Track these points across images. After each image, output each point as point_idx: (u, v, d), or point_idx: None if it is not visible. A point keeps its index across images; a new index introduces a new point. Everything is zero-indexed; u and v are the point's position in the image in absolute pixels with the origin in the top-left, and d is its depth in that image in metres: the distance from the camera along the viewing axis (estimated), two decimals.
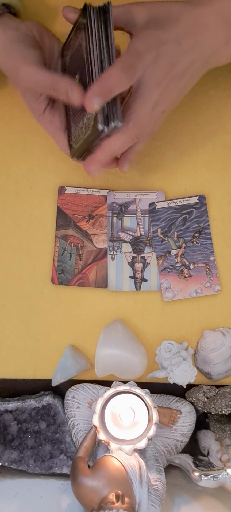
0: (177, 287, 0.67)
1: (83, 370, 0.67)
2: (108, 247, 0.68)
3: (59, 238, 0.67)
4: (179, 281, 0.67)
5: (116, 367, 0.65)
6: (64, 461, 0.67)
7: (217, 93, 0.69)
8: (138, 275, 0.67)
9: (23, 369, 0.68)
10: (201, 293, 0.67)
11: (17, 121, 0.69)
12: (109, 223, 0.68)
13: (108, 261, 0.67)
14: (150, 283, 0.67)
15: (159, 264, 0.67)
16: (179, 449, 0.66)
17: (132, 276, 0.67)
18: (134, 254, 0.68)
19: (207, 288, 0.67)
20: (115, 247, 0.68)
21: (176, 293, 0.67)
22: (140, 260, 0.68)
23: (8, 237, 0.68)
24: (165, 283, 0.67)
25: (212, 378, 0.67)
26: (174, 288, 0.67)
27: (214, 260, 0.67)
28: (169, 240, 0.68)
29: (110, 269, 0.67)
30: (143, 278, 0.67)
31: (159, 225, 0.67)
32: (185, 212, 0.68)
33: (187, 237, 0.67)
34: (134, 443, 0.59)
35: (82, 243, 0.67)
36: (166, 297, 0.67)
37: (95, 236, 0.68)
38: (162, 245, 0.68)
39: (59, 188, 0.68)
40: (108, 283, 0.67)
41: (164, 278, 0.67)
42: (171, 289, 0.67)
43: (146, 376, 0.67)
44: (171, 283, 0.67)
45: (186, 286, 0.67)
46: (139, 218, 0.68)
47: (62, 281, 0.67)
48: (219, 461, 0.64)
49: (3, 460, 0.67)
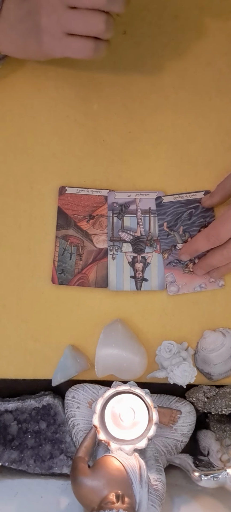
0: (182, 281, 0.67)
1: (83, 370, 0.67)
2: (108, 247, 0.68)
3: (60, 238, 0.67)
4: (184, 275, 0.67)
5: (115, 367, 0.65)
6: (64, 461, 0.67)
7: (219, 94, 0.69)
8: (138, 275, 0.67)
9: (23, 369, 0.68)
10: (205, 287, 0.67)
11: (17, 121, 0.69)
12: (109, 223, 0.68)
13: (108, 261, 0.67)
14: (151, 283, 0.67)
15: (164, 257, 0.68)
16: (179, 449, 0.66)
17: (133, 276, 0.67)
18: (134, 254, 0.68)
19: (211, 283, 0.67)
20: (115, 247, 0.68)
21: (181, 287, 0.67)
22: (140, 260, 0.68)
23: (8, 237, 0.68)
24: (169, 277, 0.67)
25: (212, 378, 0.67)
26: (178, 282, 0.67)
27: None
28: (175, 234, 0.68)
29: (110, 269, 0.67)
30: (144, 278, 0.67)
31: (165, 219, 0.68)
32: (191, 207, 0.68)
33: (193, 232, 0.67)
34: (134, 443, 0.59)
35: (82, 243, 0.67)
36: (170, 291, 0.67)
37: (96, 236, 0.68)
38: (167, 239, 0.68)
39: (59, 188, 0.68)
40: (109, 283, 0.67)
41: (169, 272, 0.67)
42: (176, 283, 0.67)
43: (146, 376, 0.67)
44: (176, 277, 0.67)
45: (190, 280, 0.67)
46: (139, 218, 0.68)
47: (62, 281, 0.67)
48: (219, 461, 0.64)
49: (3, 460, 0.67)
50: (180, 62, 0.69)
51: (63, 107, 0.69)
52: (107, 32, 0.57)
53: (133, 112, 0.69)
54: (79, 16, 0.56)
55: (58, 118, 0.69)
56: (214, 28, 0.69)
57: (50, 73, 0.68)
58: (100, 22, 0.56)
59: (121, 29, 0.68)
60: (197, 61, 0.69)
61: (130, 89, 0.69)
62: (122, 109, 0.68)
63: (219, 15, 0.69)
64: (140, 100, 0.69)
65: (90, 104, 0.69)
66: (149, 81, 0.69)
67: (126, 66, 0.68)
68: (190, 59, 0.69)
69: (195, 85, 0.69)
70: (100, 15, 0.56)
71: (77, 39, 0.57)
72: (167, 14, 0.68)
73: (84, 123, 0.69)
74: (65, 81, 0.68)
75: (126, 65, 0.68)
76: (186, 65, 0.69)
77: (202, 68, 0.69)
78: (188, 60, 0.69)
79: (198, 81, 0.69)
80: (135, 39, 0.68)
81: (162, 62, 0.69)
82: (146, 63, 0.69)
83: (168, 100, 0.69)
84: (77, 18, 0.56)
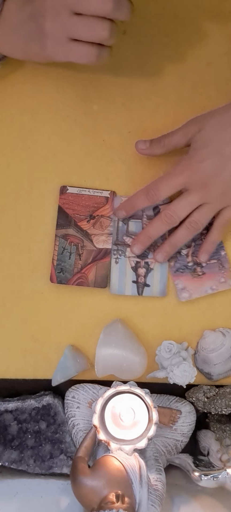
0: (192, 286, 0.67)
1: (83, 370, 0.67)
2: (112, 251, 0.67)
3: (59, 237, 0.67)
4: (193, 280, 0.67)
5: (115, 367, 0.65)
6: (64, 461, 0.67)
7: (219, 94, 0.69)
8: (140, 280, 0.67)
9: (23, 369, 0.68)
10: (216, 289, 0.67)
11: (17, 121, 0.69)
12: (114, 227, 0.68)
13: (111, 264, 0.67)
14: (152, 288, 0.67)
15: (171, 265, 0.67)
16: (179, 449, 0.66)
17: (135, 280, 0.67)
18: (137, 259, 0.67)
19: (221, 283, 0.67)
20: (119, 251, 0.68)
21: (192, 292, 0.67)
22: (143, 265, 0.67)
23: (8, 237, 0.68)
24: (179, 284, 0.67)
25: (212, 378, 0.67)
26: (189, 287, 0.67)
27: (225, 254, 0.67)
28: None
29: (113, 272, 0.67)
30: (146, 283, 0.67)
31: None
32: None
33: (195, 236, 0.67)
34: (134, 443, 0.59)
35: (82, 242, 0.67)
36: (182, 298, 0.67)
37: (96, 236, 0.68)
38: None
39: (61, 188, 0.68)
40: (111, 286, 0.67)
41: (178, 279, 0.67)
42: (186, 289, 0.67)
43: (146, 376, 0.67)
44: (185, 283, 0.67)
45: (200, 284, 0.67)
46: (144, 223, 0.68)
47: (61, 280, 0.67)
48: (219, 461, 0.64)
49: (3, 460, 0.67)
50: (180, 62, 0.69)
51: (63, 107, 0.69)
52: (111, 39, 0.57)
53: (133, 112, 0.69)
54: (84, 23, 0.56)
55: (58, 118, 0.69)
56: (214, 28, 0.69)
57: (50, 73, 0.68)
58: (104, 29, 0.56)
59: (121, 29, 0.68)
60: (197, 61, 0.69)
61: (130, 89, 0.69)
62: (122, 109, 0.68)
63: (219, 15, 0.69)
64: (140, 100, 0.69)
65: (90, 104, 0.69)
66: (149, 81, 0.69)
67: (126, 66, 0.68)
68: (190, 59, 0.69)
69: (195, 85, 0.69)
70: (105, 23, 0.56)
71: (81, 44, 0.57)
72: (167, 14, 0.68)
73: (84, 123, 0.69)
74: (65, 81, 0.68)
75: (126, 65, 0.68)
76: (186, 65, 0.69)
77: (202, 68, 0.69)
78: (188, 60, 0.69)
79: (198, 81, 0.69)
80: (135, 39, 0.68)
81: (162, 62, 0.69)
82: (146, 63, 0.69)
83: (168, 100, 0.69)
84: (82, 24, 0.56)
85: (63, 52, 0.58)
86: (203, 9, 0.69)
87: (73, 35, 0.57)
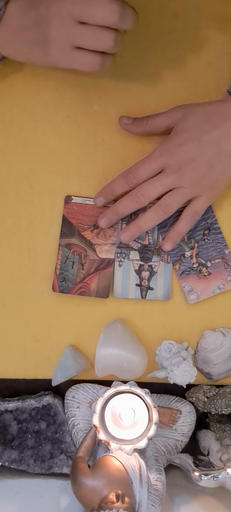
0: (199, 287, 0.67)
1: (83, 370, 0.67)
2: (115, 254, 0.67)
3: (63, 247, 0.67)
4: (200, 281, 0.67)
5: (115, 367, 0.65)
6: (64, 461, 0.67)
7: (219, 94, 0.69)
8: (144, 283, 0.67)
9: (23, 369, 0.68)
10: (224, 288, 0.67)
11: (17, 121, 0.69)
12: (118, 229, 0.67)
13: (115, 267, 0.67)
14: (156, 292, 0.67)
15: (176, 268, 0.67)
16: (179, 449, 0.66)
17: (138, 284, 0.67)
18: (141, 262, 0.67)
19: (228, 281, 0.67)
20: (123, 254, 0.67)
21: (200, 293, 0.67)
22: (147, 268, 0.67)
23: (8, 237, 0.68)
24: (186, 287, 0.67)
25: (212, 378, 0.67)
26: (196, 289, 0.67)
27: (229, 252, 0.67)
28: (180, 243, 0.67)
29: (116, 275, 0.67)
30: (149, 286, 0.67)
31: (166, 231, 0.67)
32: None
33: (197, 236, 0.67)
34: (134, 443, 0.59)
35: (85, 252, 0.67)
36: (191, 300, 0.67)
37: (99, 246, 0.67)
38: (174, 249, 0.67)
39: (65, 198, 0.68)
40: (114, 289, 0.67)
41: (184, 282, 0.67)
42: (194, 291, 0.67)
43: (146, 376, 0.67)
44: (192, 285, 0.67)
45: (207, 284, 0.67)
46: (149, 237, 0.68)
47: (63, 289, 0.66)
48: (219, 461, 0.64)
49: (3, 460, 0.67)
50: (180, 62, 0.69)
51: (63, 107, 0.69)
52: (115, 48, 0.57)
53: (133, 112, 0.69)
54: (89, 32, 0.56)
55: (58, 118, 0.69)
56: (214, 28, 0.69)
57: (50, 73, 0.68)
58: (109, 39, 0.56)
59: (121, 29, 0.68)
60: (197, 61, 0.69)
61: (130, 89, 0.69)
62: (122, 109, 0.68)
63: (219, 15, 0.69)
64: (140, 100, 0.69)
65: (90, 104, 0.69)
66: (149, 81, 0.69)
67: (126, 66, 0.68)
68: (190, 59, 0.69)
69: (195, 85, 0.69)
70: (110, 33, 0.56)
71: (85, 53, 0.57)
72: (166, 14, 0.68)
73: (84, 123, 0.69)
74: (65, 81, 0.68)
75: (126, 65, 0.68)
76: (186, 65, 0.69)
77: (202, 68, 0.69)
78: (188, 60, 0.69)
79: (198, 81, 0.69)
80: (135, 39, 0.68)
81: (162, 62, 0.68)
82: (146, 63, 0.69)
83: (168, 100, 0.69)
84: (87, 34, 0.56)
85: (67, 60, 0.58)
86: (203, 9, 0.69)
87: (78, 44, 0.57)
